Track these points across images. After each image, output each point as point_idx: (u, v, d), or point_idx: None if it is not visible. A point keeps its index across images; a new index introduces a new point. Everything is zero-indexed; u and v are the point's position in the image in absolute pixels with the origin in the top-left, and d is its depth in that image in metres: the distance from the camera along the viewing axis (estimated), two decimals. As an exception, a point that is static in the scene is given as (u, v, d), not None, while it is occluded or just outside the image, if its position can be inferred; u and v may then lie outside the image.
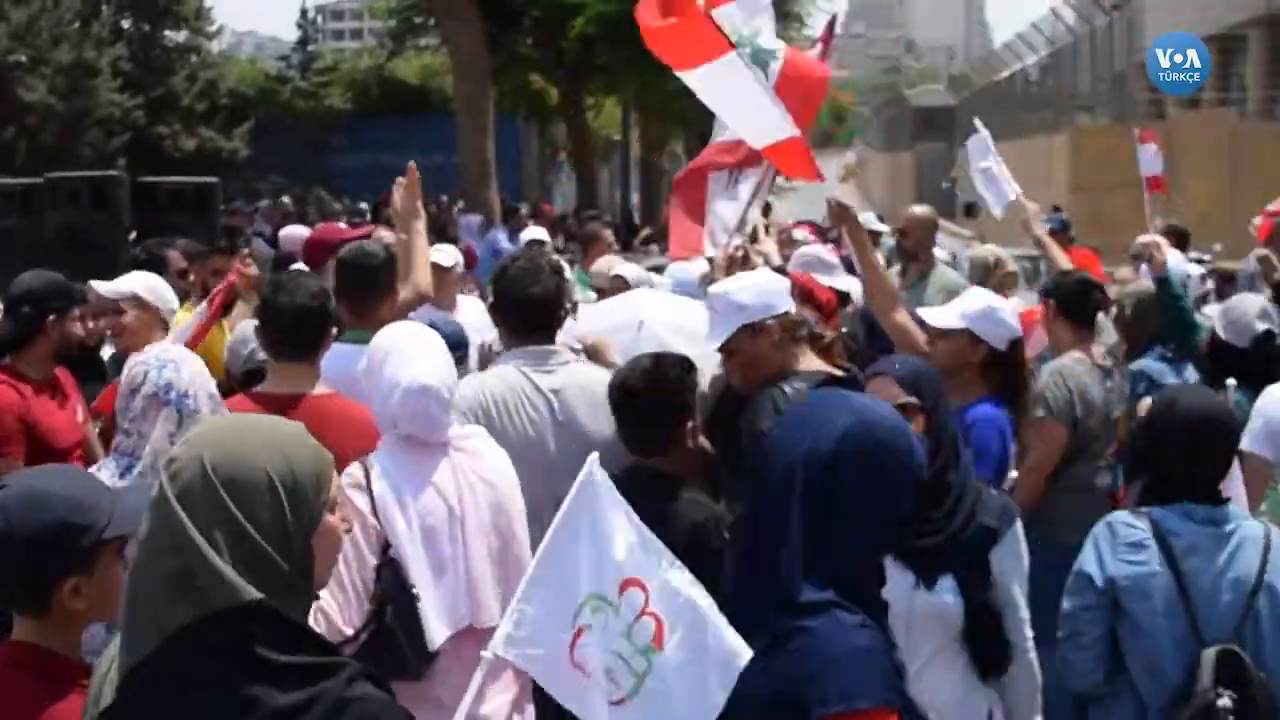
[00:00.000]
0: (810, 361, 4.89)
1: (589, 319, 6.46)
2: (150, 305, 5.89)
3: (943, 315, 5.27)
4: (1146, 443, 4.12)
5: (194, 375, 4.28)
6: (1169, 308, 6.83)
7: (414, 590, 3.77)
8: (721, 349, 4.85)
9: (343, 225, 10.95)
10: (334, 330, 4.85)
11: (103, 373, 6.36)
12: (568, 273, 7.30)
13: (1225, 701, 3.63)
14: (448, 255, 7.81)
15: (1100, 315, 6.76)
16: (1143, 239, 8.15)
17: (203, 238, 9.40)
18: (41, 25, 30.18)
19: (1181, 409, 4.03)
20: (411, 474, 3.93)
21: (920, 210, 8.93)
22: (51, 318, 5.51)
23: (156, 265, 7.93)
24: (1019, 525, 3.89)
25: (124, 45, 33.86)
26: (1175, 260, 8.68)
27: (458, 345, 6.07)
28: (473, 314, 7.41)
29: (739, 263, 6.33)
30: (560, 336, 5.70)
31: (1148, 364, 6.65)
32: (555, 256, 5.27)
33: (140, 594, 2.16)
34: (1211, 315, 6.72)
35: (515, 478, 4.14)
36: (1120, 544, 3.94)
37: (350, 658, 2.31)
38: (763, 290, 4.89)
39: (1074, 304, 6.18)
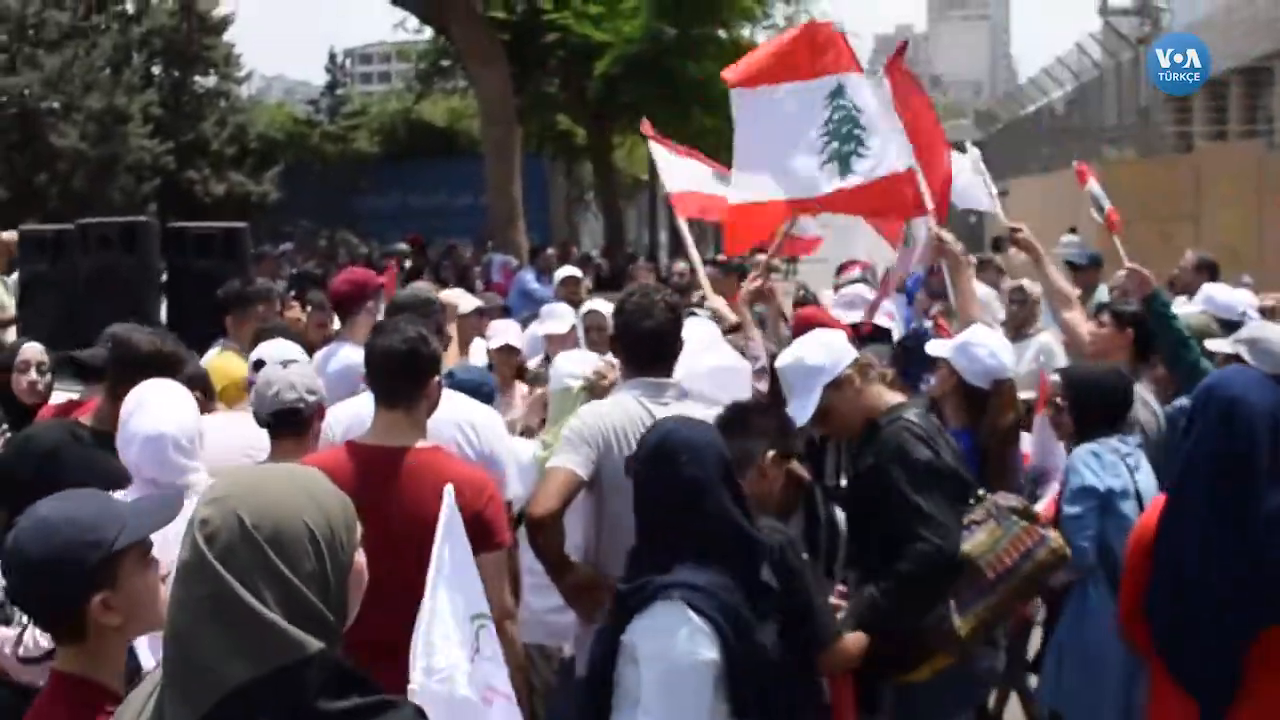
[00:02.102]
0: (893, 393, 5.17)
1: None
2: None
3: (937, 344, 5.88)
4: (1100, 398, 5.58)
5: None
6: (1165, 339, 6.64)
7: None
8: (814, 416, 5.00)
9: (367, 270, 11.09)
10: (435, 379, 4.64)
11: None
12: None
13: None
14: (467, 301, 7.98)
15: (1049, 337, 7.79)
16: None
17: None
18: (74, 72, 30.46)
19: (1123, 380, 5.73)
20: None
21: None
22: None
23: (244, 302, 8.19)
24: (675, 616, 3.59)
25: (155, 91, 34.15)
26: (1224, 293, 8.61)
27: (478, 389, 6.02)
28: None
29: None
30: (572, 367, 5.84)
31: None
32: (669, 292, 5.41)
33: (189, 655, 2.15)
34: (1216, 346, 6.64)
35: None
36: (1105, 465, 5.37)
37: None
38: (829, 345, 5.13)
39: (1146, 338, 6.57)
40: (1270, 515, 4.29)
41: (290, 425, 4.88)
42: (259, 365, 5.73)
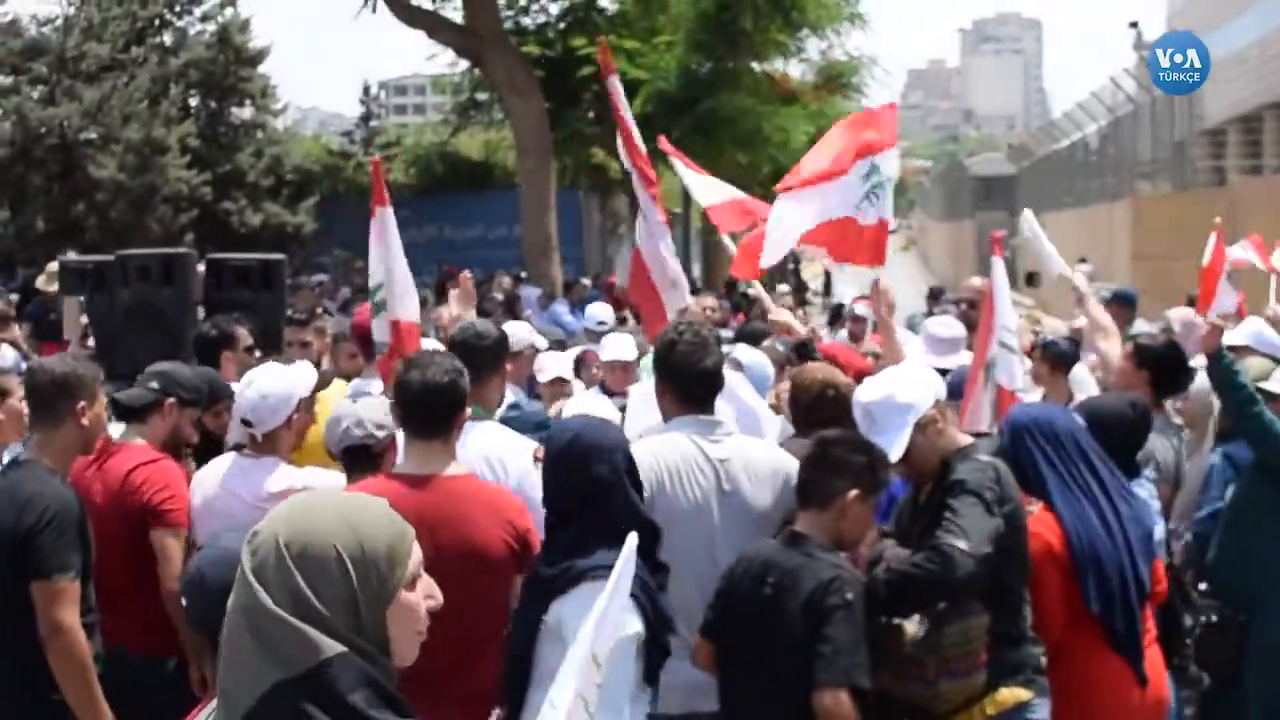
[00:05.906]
0: (964, 435, 5.04)
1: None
2: None
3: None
4: (1104, 436, 5.47)
5: None
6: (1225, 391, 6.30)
7: None
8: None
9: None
10: (466, 410, 4.77)
11: None
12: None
13: None
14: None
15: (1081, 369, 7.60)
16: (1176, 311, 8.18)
17: (270, 313, 9.51)
18: (112, 104, 30.74)
19: (1137, 415, 5.84)
20: None
21: (982, 282, 9.06)
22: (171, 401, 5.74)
23: (227, 342, 7.99)
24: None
25: (192, 123, 34.39)
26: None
27: (540, 425, 6.11)
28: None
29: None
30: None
31: (1235, 449, 6.45)
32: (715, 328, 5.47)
33: (231, 661, 2.28)
34: (1274, 386, 6.59)
35: None
36: None
37: None
38: (916, 382, 4.96)
39: (1165, 377, 6.64)
40: None
41: (361, 461, 4.95)
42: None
